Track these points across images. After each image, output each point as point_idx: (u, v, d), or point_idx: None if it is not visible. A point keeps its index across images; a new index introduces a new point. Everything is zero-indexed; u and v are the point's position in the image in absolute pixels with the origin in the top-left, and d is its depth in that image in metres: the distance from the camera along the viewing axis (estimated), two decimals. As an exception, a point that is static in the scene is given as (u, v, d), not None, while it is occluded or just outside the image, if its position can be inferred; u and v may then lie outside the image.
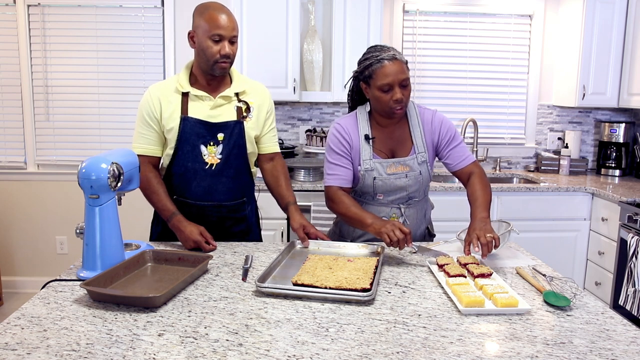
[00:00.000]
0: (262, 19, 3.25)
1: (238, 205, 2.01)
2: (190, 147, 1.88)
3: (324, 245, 1.85)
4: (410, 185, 1.93)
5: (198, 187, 1.93)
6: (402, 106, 1.84)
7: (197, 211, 1.95)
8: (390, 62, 1.79)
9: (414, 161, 1.92)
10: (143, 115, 1.91)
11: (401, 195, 1.94)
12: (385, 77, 1.78)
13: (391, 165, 1.91)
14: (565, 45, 3.72)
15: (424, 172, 1.94)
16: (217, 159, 1.91)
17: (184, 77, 1.91)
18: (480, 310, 1.33)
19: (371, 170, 1.90)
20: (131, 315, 1.28)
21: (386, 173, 1.90)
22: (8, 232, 3.74)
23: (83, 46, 3.59)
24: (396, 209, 1.95)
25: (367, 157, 1.91)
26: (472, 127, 3.80)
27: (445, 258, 1.64)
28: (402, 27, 3.76)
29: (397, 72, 1.78)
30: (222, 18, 1.80)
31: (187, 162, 1.90)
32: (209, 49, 1.81)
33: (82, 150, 3.67)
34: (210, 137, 1.89)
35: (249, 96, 1.97)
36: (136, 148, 1.91)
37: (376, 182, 1.91)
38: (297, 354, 1.11)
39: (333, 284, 1.45)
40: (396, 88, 1.80)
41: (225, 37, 1.81)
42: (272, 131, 2.06)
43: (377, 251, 1.79)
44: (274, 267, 1.60)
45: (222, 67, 1.85)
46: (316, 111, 3.76)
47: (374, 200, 1.96)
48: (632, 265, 2.78)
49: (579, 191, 3.29)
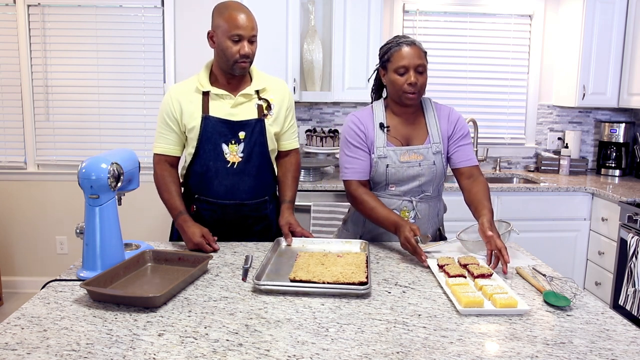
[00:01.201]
0: (262, 19, 3.22)
1: (259, 204, 2.00)
2: (212, 146, 1.89)
3: (308, 242, 1.86)
4: (423, 174, 1.91)
5: (220, 186, 1.93)
6: (416, 91, 1.84)
7: (218, 210, 1.95)
8: (408, 47, 1.83)
9: (429, 151, 1.91)
10: (163, 116, 1.93)
11: (413, 185, 1.92)
12: (402, 59, 1.82)
13: (404, 154, 1.90)
14: (565, 45, 3.72)
15: (437, 162, 1.92)
16: (239, 157, 1.91)
17: (204, 76, 1.92)
18: (479, 310, 1.32)
19: (384, 158, 1.90)
20: (131, 315, 1.28)
21: (399, 161, 1.90)
22: (8, 232, 3.74)
23: (83, 46, 3.59)
24: (408, 202, 1.93)
25: (381, 144, 1.90)
26: (472, 127, 3.79)
27: (445, 258, 1.64)
28: (402, 27, 3.76)
29: (413, 56, 1.82)
30: (241, 18, 1.81)
31: (209, 160, 1.90)
32: (228, 49, 1.82)
33: (82, 150, 3.67)
34: (231, 135, 1.89)
35: (269, 93, 1.97)
36: (156, 147, 1.95)
37: (389, 169, 1.90)
38: (297, 354, 1.11)
39: (330, 279, 1.47)
40: (411, 71, 1.82)
41: (245, 37, 1.82)
42: (292, 127, 2.06)
43: (362, 246, 1.82)
44: (265, 266, 1.61)
45: (242, 66, 1.86)
46: (316, 111, 3.76)
47: (385, 192, 1.95)
48: (632, 265, 2.78)
49: (579, 191, 3.29)
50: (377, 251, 1.85)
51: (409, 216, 1.94)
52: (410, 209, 1.94)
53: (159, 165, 1.95)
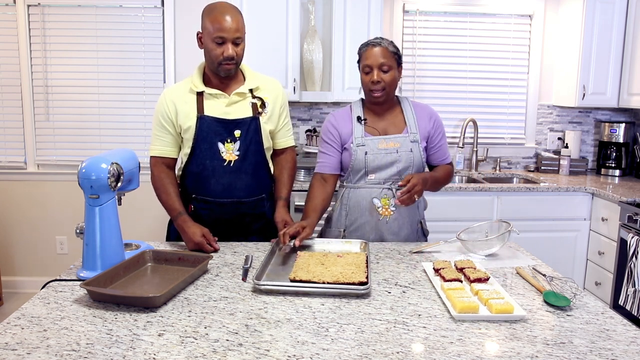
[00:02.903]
0: (262, 19, 3.25)
1: (257, 202, 2.01)
2: (208, 145, 1.90)
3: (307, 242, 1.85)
4: (400, 160, 1.98)
5: (217, 185, 1.94)
6: (380, 89, 1.94)
7: (216, 208, 1.96)
8: (374, 47, 1.94)
9: (406, 139, 2.00)
10: (158, 118, 1.94)
11: (392, 172, 1.99)
12: (367, 59, 1.95)
13: (382, 141, 2.00)
14: (565, 45, 3.72)
15: (415, 150, 2.00)
16: (235, 155, 1.92)
17: (198, 77, 1.94)
18: (474, 316, 1.30)
19: (363, 146, 1.98)
20: (131, 315, 1.28)
21: (377, 148, 1.99)
22: (8, 232, 3.74)
23: (83, 46, 3.59)
24: (388, 190, 1.99)
25: (360, 135, 2.00)
26: (472, 127, 3.80)
27: (441, 262, 1.62)
28: (402, 27, 3.76)
29: (377, 55, 1.93)
30: (225, 20, 1.81)
31: (205, 160, 1.92)
32: (212, 51, 1.84)
33: (82, 150, 3.66)
34: (227, 134, 1.90)
35: (263, 92, 1.98)
36: (153, 150, 1.96)
37: (367, 156, 1.98)
38: (297, 354, 1.11)
39: (330, 279, 1.47)
40: (375, 70, 1.93)
41: (228, 39, 1.82)
42: (286, 125, 2.08)
43: (362, 246, 1.82)
44: (265, 266, 1.61)
45: (226, 69, 1.87)
46: (316, 111, 3.76)
47: (365, 183, 2.01)
48: (632, 265, 2.78)
49: (579, 191, 3.29)
50: (377, 251, 1.85)
51: (389, 204, 1.99)
52: (390, 196, 1.99)
53: (156, 168, 1.95)
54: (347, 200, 2.04)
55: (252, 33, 3.29)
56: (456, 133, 3.86)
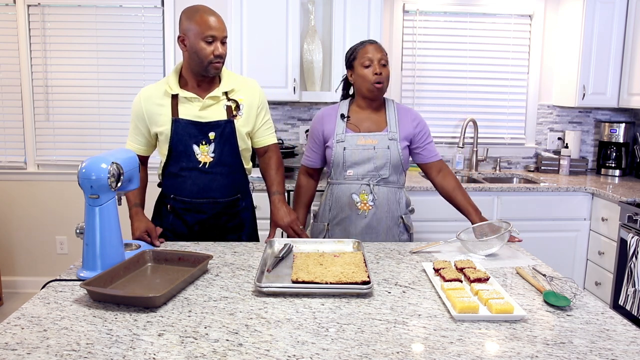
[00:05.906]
0: (262, 19, 3.25)
1: (233, 202, 2.06)
2: (183, 147, 1.94)
3: (299, 243, 1.86)
4: (377, 157, 2.07)
5: (193, 186, 1.98)
6: (382, 81, 2.06)
7: (193, 208, 2.01)
8: (371, 44, 2.09)
9: (384, 137, 2.09)
10: (134, 117, 2.01)
11: (369, 168, 2.08)
12: (367, 54, 2.07)
13: (361, 138, 2.10)
14: (565, 45, 3.72)
15: (392, 148, 2.08)
16: (210, 157, 1.96)
17: (173, 79, 1.96)
18: (474, 316, 1.30)
19: (342, 142, 2.09)
20: (131, 315, 1.28)
21: (356, 144, 2.09)
22: (8, 232, 3.74)
23: (83, 46, 3.59)
24: (365, 186, 2.08)
25: (341, 131, 2.12)
26: (472, 127, 3.80)
27: (442, 262, 1.62)
28: (402, 27, 3.76)
29: (376, 50, 2.07)
30: (212, 20, 1.86)
31: (182, 161, 1.96)
32: (202, 51, 1.86)
33: (82, 150, 3.67)
34: (201, 136, 1.94)
35: (238, 94, 2.00)
36: (127, 145, 2.05)
37: (346, 152, 2.08)
38: (297, 354, 1.11)
39: (332, 279, 1.47)
40: (375, 63, 2.05)
41: (218, 37, 1.87)
42: (265, 124, 2.09)
43: (355, 245, 1.82)
44: (263, 267, 1.60)
45: (216, 67, 1.90)
46: (316, 111, 3.75)
47: (344, 178, 2.11)
48: (632, 265, 2.78)
49: (579, 191, 3.29)
50: (377, 251, 1.86)
51: (367, 199, 2.08)
52: (368, 192, 2.08)
53: None
54: (331, 195, 2.16)
55: (252, 33, 3.30)
56: (456, 133, 3.87)
